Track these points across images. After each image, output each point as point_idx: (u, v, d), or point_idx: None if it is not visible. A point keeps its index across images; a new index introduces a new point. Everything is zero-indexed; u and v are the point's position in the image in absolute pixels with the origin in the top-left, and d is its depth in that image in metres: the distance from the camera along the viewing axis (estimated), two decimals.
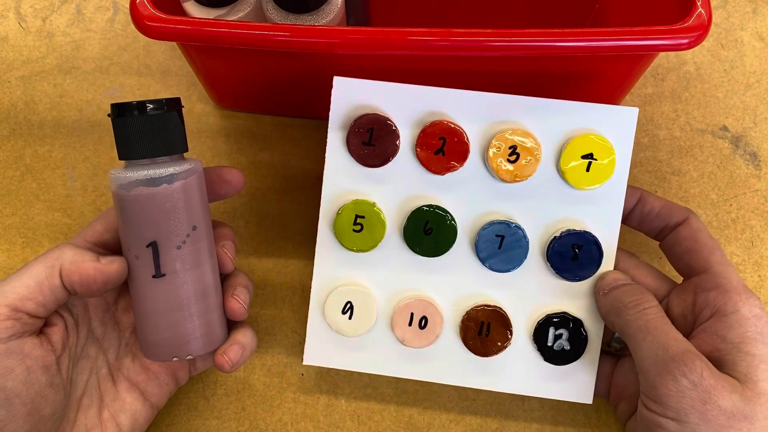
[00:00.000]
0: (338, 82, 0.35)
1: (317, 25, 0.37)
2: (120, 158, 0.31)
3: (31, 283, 0.30)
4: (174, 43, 0.43)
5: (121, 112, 0.30)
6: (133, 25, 0.33)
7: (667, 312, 0.34)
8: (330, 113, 0.35)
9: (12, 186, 0.43)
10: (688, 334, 0.32)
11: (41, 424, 0.30)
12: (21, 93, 0.45)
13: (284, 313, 0.40)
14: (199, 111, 0.45)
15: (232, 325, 0.34)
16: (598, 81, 0.39)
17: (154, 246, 0.30)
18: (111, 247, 0.33)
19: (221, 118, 0.44)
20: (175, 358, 0.32)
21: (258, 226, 0.42)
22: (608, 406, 0.38)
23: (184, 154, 0.32)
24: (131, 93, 0.45)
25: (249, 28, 0.32)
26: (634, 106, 0.44)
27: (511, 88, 0.39)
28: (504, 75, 0.37)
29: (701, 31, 0.32)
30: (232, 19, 0.37)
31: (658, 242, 0.36)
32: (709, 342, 0.31)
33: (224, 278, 0.34)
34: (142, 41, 0.47)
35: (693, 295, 0.33)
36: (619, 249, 0.35)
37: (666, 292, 0.35)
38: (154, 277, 0.31)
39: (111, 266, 0.31)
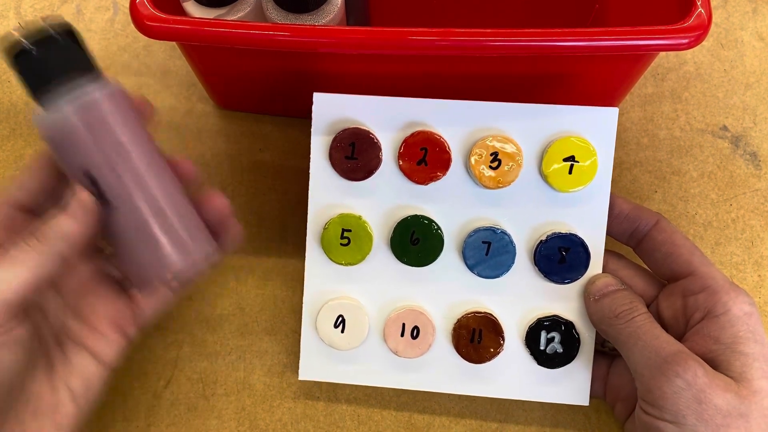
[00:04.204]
0: (318, 98, 0.35)
1: (317, 25, 0.37)
2: (33, 99, 0.30)
3: (30, 278, 0.28)
4: (174, 43, 0.43)
5: (12, 53, 0.29)
6: (132, 25, 0.33)
7: (658, 316, 0.34)
8: (312, 129, 0.35)
9: None
10: (681, 337, 0.32)
11: None
12: (21, 93, 0.45)
13: (284, 313, 0.40)
14: (199, 111, 0.45)
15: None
16: (598, 81, 0.39)
17: (89, 175, 0.29)
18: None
19: (221, 119, 0.44)
20: (168, 278, 0.31)
21: (258, 226, 0.42)
22: (608, 406, 0.38)
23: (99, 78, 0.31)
24: (131, 93, 0.45)
25: (249, 28, 0.32)
26: (635, 105, 0.44)
27: (508, 91, 0.39)
28: (501, 78, 0.37)
29: (701, 31, 0.32)
30: (232, 19, 0.37)
31: (633, 248, 0.36)
32: (702, 344, 0.31)
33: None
34: (142, 41, 0.47)
35: (682, 299, 0.33)
36: (607, 250, 0.35)
37: (655, 292, 0.35)
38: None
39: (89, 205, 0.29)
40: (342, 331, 0.36)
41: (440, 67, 0.37)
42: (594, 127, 0.34)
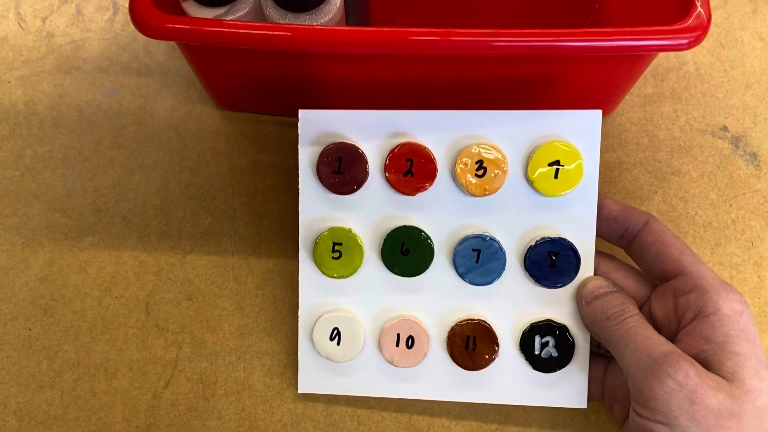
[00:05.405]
0: (303, 114, 0.35)
1: (316, 25, 0.37)
2: None
3: None
4: (173, 43, 0.43)
5: None
6: (132, 25, 0.33)
7: (651, 316, 0.34)
8: (299, 145, 0.35)
9: (12, 186, 0.43)
10: (673, 338, 0.32)
11: None
12: (21, 93, 0.45)
13: (284, 313, 0.40)
14: (199, 111, 0.45)
15: None
16: (597, 81, 0.39)
17: None
18: None
19: (221, 119, 0.44)
20: None
21: (258, 226, 0.42)
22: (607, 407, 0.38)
23: None
24: (131, 93, 0.45)
25: (248, 28, 0.32)
26: (634, 106, 0.44)
27: (504, 95, 0.39)
28: (497, 82, 0.37)
29: (701, 31, 0.32)
30: (231, 18, 0.37)
31: (624, 249, 0.36)
32: (694, 344, 0.31)
33: None
34: (141, 41, 0.47)
35: (673, 299, 0.33)
36: (598, 252, 0.35)
37: (648, 293, 0.35)
38: None
39: None
40: (338, 344, 0.36)
41: (438, 69, 0.37)
42: (578, 130, 0.34)
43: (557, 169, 0.34)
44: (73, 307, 0.40)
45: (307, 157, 0.36)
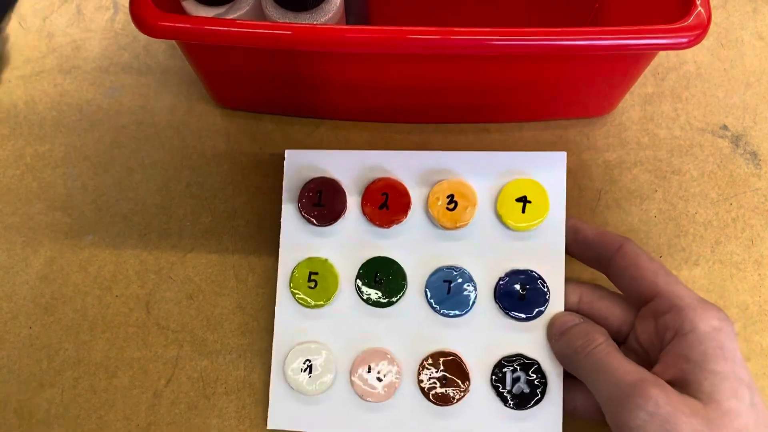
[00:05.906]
0: (289, 154, 0.38)
1: (316, 24, 0.37)
2: None
3: None
4: (174, 42, 0.43)
5: None
6: (133, 25, 0.33)
7: (636, 341, 0.33)
8: (284, 181, 0.38)
9: (12, 185, 0.43)
10: (656, 360, 0.31)
11: None
12: (21, 92, 0.45)
13: None
14: (200, 110, 0.45)
15: None
16: (599, 80, 0.39)
17: None
18: None
19: (221, 118, 0.44)
20: None
21: (258, 225, 0.42)
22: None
23: None
24: (131, 92, 0.45)
25: (248, 27, 0.32)
26: (635, 105, 0.44)
27: (503, 92, 0.39)
28: (494, 81, 0.37)
29: (700, 30, 0.32)
30: (231, 17, 0.37)
31: (604, 274, 0.36)
32: (672, 364, 0.30)
33: None
34: (142, 40, 0.47)
35: (653, 321, 0.32)
36: (583, 282, 0.35)
37: (634, 319, 0.34)
38: None
39: None
40: (309, 375, 0.36)
41: (439, 71, 0.37)
42: (543, 170, 0.36)
43: (524, 205, 0.35)
44: (74, 305, 0.40)
45: (290, 191, 0.38)
